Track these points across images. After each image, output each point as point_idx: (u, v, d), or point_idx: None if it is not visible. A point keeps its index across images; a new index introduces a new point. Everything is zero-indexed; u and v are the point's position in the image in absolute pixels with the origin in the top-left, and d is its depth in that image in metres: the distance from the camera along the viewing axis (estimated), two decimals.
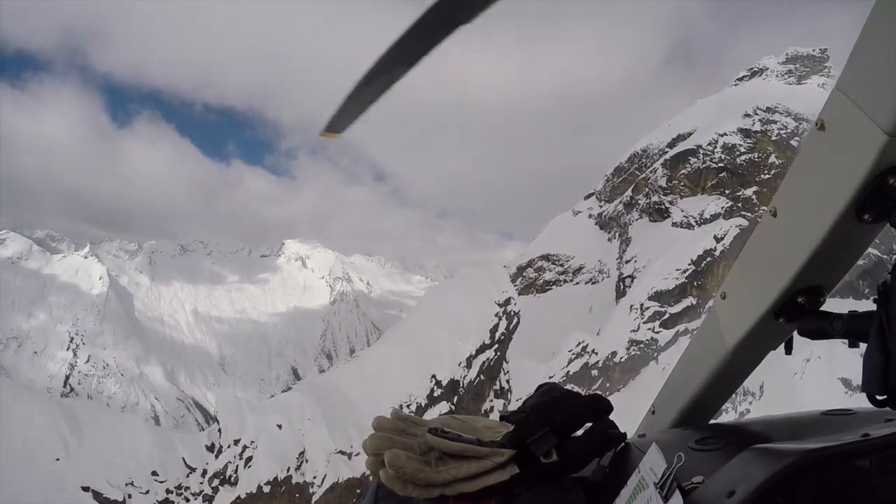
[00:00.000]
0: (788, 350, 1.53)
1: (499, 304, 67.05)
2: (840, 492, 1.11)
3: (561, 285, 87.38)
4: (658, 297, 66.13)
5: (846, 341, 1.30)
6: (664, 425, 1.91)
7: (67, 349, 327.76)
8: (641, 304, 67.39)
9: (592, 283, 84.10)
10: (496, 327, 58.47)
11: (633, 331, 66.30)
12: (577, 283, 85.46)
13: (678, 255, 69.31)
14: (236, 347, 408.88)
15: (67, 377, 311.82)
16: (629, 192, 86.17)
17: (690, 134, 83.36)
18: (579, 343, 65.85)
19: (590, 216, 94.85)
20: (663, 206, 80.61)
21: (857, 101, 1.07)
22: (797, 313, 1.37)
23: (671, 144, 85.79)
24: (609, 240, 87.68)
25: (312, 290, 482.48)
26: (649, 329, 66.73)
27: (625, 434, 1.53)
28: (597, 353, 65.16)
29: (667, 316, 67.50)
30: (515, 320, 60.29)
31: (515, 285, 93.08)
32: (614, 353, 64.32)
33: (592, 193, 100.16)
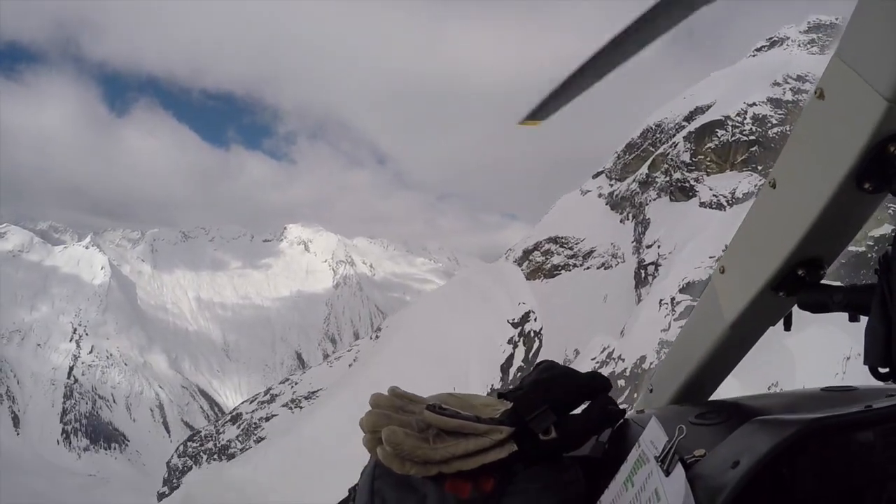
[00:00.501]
0: (787, 326, 1.51)
1: (513, 324, 58.42)
2: (843, 463, 1.10)
3: (570, 270, 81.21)
4: (690, 289, 54.35)
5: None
6: (662, 402, 1.89)
7: (70, 340, 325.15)
8: (672, 299, 57.04)
9: (605, 269, 77.65)
10: (510, 360, 50.16)
11: (664, 330, 56.75)
12: (588, 268, 79.29)
13: (710, 239, 59.22)
14: (240, 333, 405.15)
15: (71, 368, 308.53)
16: (644, 170, 78.38)
17: (710, 106, 76.17)
18: (604, 349, 57.37)
19: (599, 196, 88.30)
20: (687, 185, 71.91)
21: (856, 68, 1.05)
22: (797, 286, 1.35)
23: (689, 118, 78.71)
24: (622, 221, 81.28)
25: (315, 274, 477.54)
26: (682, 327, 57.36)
27: (624, 410, 1.51)
28: (623, 360, 56.51)
29: None
30: (536, 343, 52.44)
31: (521, 269, 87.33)
32: (643, 359, 55.04)
33: (602, 171, 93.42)
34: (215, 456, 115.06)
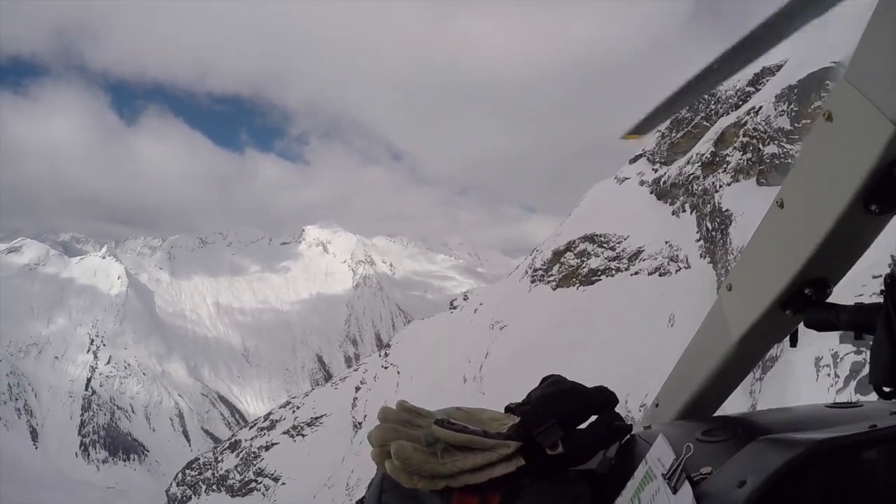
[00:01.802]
0: (794, 342, 1.50)
1: None
2: (849, 482, 1.09)
3: (612, 275, 64.90)
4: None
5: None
6: (668, 418, 1.88)
7: (88, 352, 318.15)
8: (835, 354, 31.81)
9: (662, 275, 59.79)
10: None
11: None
12: (637, 273, 62.06)
13: None
14: (260, 338, 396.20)
15: (89, 380, 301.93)
16: (704, 148, 59.23)
17: (780, 67, 59.07)
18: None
19: (641, 183, 71.44)
20: (790, 160, 53.56)
21: (864, 92, 1.04)
22: (804, 305, 1.34)
23: (753, 82, 61.65)
24: (675, 213, 64.04)
25: (335, 276, 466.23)
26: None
27: (631, 426, 1.50)
28: None
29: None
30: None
31: (551, 275, 71.29)
32: None
33: (641, 155, 76.36)
34: (214, 486, 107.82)
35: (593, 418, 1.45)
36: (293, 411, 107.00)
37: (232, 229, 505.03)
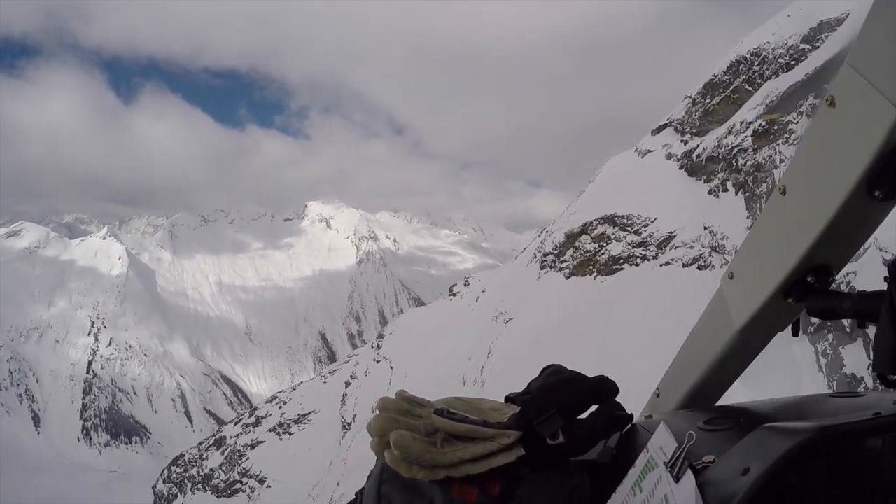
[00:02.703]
0: (796, 332, 1.49)
1: None
2: (852, 470, 1.08)
3: (637, 264, 54.42)
4: None
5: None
6: (669, 407, 1.86)
7: (89, 334, 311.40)
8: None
9: (701, 268, 48.11)
10: None
11: None
12: (669, 264, 51.11)
13: None
14: (262, 316, 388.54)
15: (90, 363, 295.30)
16: (752, 115, 47.61)
17: (840, 20, 48.25)
18: None
19: (669, 157, 60.27)
20: None
21: (868, 77, 1.03)
22: (806, 293, 1.32)
23: (809, 38, 51.03)
24: (713, 192, 52.83)
25: (338, 252, 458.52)
26: None
27: (631, 415, 1.49)
28: None
29: None
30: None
31: (564, 261, 61.13)
32: None
33: (667, 124, 65.14)
34: (199, 485, 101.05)
35: (594, 408, 1.44)
36: (279, 407, 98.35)
37: (234, 206, 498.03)
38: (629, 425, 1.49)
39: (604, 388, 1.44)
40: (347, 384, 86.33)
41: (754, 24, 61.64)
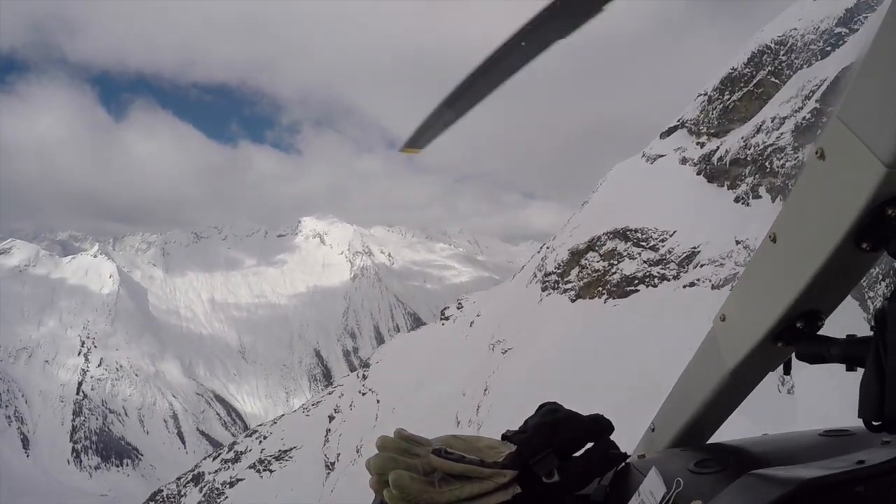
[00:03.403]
0: (787, 370, 1.50)
1: None
2: None
3: (654, 285, 46.97)
4: None
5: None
6: (663, 444, 1.88)
7: (79, 354, 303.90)
8: None
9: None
10: None
11: None
12: (694, 285, 43.64)
13: None
14: (256, 334, 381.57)
15: (80, 384, 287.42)
16: (795, 106, 38.66)
17: None
18: None
19: (684, 161, 53.28)
20: None
21: (856, 132, 1.04)
22: (796, 337, 1.34)
23: (846, 20, 43.59)
24: (741, 200, 45.46)
25: (332, 268, 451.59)
26: None
27: (625, 454, 1.51)
28: None
29: None
30: None
31: (568, 281, 54.07)
32: None
33: (679, 126, 58.58)
34: None
35: (589, 445, 1.46)
36: (259, 441, 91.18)
37: (228, 223, 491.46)
38: (623, 463, 1.50)
39: (599, 427, 1.46)
40: (331, 418, 79.62)
41: (752, 24, 54.78)
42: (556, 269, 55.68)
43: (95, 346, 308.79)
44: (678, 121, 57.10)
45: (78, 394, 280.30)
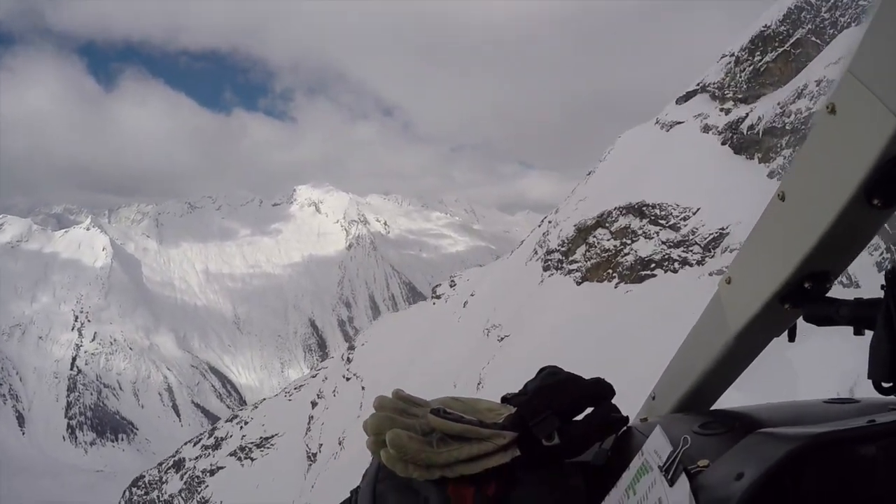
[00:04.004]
0: (792, 337, 1.44)
1: None
2: (846, 476, 1.05)
3: (675, 270, 41.09)
4: None
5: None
6: (664, 411, 1.83)
7: (73, 329, 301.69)
8: None
9: None
10: None
11: None
12: (722, 272, 37.63)
13: None
14: (251, 304, 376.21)
15: (74, 359, 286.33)
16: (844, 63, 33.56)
17: None
18: None
19: (705, 129, 47.06)
20: None
21: (869, 85, 1.00)
22: (803, 299, 1.28)
23: None
24: (776, 174, 39.36)
25: (327, 236, 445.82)
26: None
27: (627, 418, 1.46)
28: None
29: None
30: None
31: (574, 261, 48.60)
32: None
33: (698, 90, 52.17)
34: None
35: (590, 410, 1.42)
36: (241, 427, 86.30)
37: (222, 192, 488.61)
38: (624, 428, 1.46)
39: (600, 390, 1.43)
40: (314, 404, 74.42)
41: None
42: (559, 247, 49.26)
43: (89, 321, 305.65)
44: (698, 85, 50.49)
45: (72, 369, 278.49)
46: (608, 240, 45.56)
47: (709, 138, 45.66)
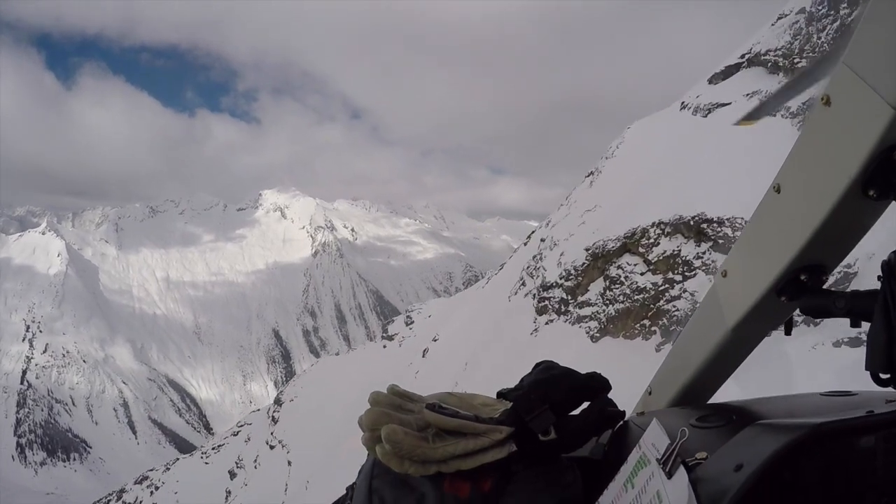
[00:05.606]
0: (788, 330, 1.45)
1: None
2: (845, 467, 1.07)
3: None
4: None
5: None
6: (661, 405, 1.83)
7: (23, 340, 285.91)
8: None
9: None
10: None
11: None
12: (860, 340, 24.59)
13: None
14: (213, 314, 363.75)
15: (24, 372, 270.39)
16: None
17: None
18: None
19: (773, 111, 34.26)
20: None
21: (863, 76, 1.01)
22: (799, 291, 1.29)
23: None
24: None
25: (292, 243, 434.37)
26: None
27: (624, 412, 1.46)
28: None
29: None
30: None
31: (585, 303, 34.15)
32: None
33: (744, 63, 38.66)
34: None
35: (587, 404, 1.40)
36: (151, 493, 71.59)
37: (185, 196, 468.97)
38: (621, 422, 1.47)
39: (596, 385, 1.41)
40: (232, 474, 61.67)
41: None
42: (562, 280, 34.87)
43: (41, 331, 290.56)
44: (742, 56, 37.34)
45: (22, 383, 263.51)
46: (643, 273, 31.03)
47: (777, 123, 31.87)
